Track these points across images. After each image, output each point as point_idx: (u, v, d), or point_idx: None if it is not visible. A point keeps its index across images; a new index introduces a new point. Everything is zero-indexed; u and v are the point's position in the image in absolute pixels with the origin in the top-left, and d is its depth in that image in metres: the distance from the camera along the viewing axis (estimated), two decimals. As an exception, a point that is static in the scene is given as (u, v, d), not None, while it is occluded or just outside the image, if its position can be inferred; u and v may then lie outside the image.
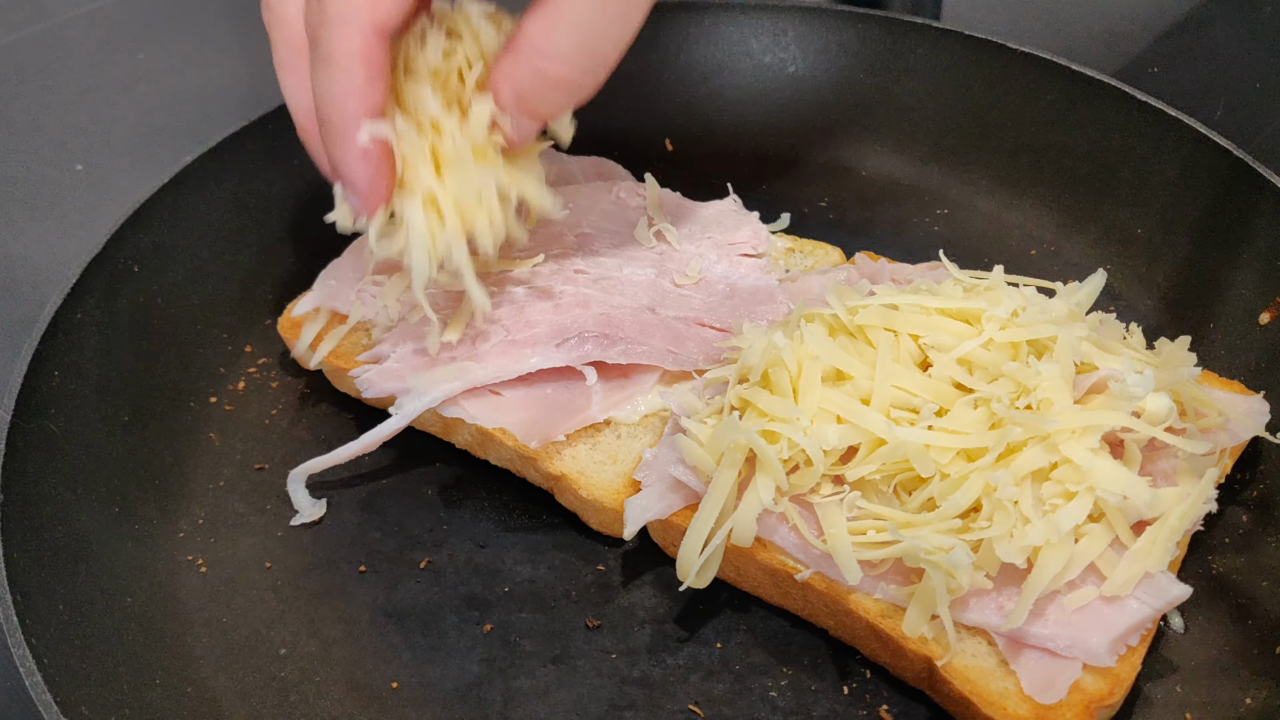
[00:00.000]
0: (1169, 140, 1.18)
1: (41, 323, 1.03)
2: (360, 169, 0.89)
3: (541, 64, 0.86)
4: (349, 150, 0.88)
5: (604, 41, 0.86)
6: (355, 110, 0.86)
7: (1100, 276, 1.01)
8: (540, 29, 0.85)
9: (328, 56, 0.84)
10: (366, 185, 0.90)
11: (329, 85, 0.86)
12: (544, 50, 0.86)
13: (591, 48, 0.86)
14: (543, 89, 0.88)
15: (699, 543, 0.89)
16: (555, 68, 0.86)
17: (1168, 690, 0.88)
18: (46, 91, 1.67)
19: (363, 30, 0.84)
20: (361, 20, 0.83)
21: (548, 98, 0.89)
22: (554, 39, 0.85)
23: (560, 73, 0.87)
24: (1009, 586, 0.85)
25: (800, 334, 0.92)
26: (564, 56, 0.86)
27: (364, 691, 0.92)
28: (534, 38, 0.86)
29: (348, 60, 0.84)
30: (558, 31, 0.85)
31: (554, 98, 0.89)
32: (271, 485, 1.07)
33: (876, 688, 0.91)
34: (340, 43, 0.84)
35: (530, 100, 0.89)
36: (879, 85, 1.36)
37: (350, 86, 0.85)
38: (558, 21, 0.85)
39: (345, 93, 0.85)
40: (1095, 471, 0.83)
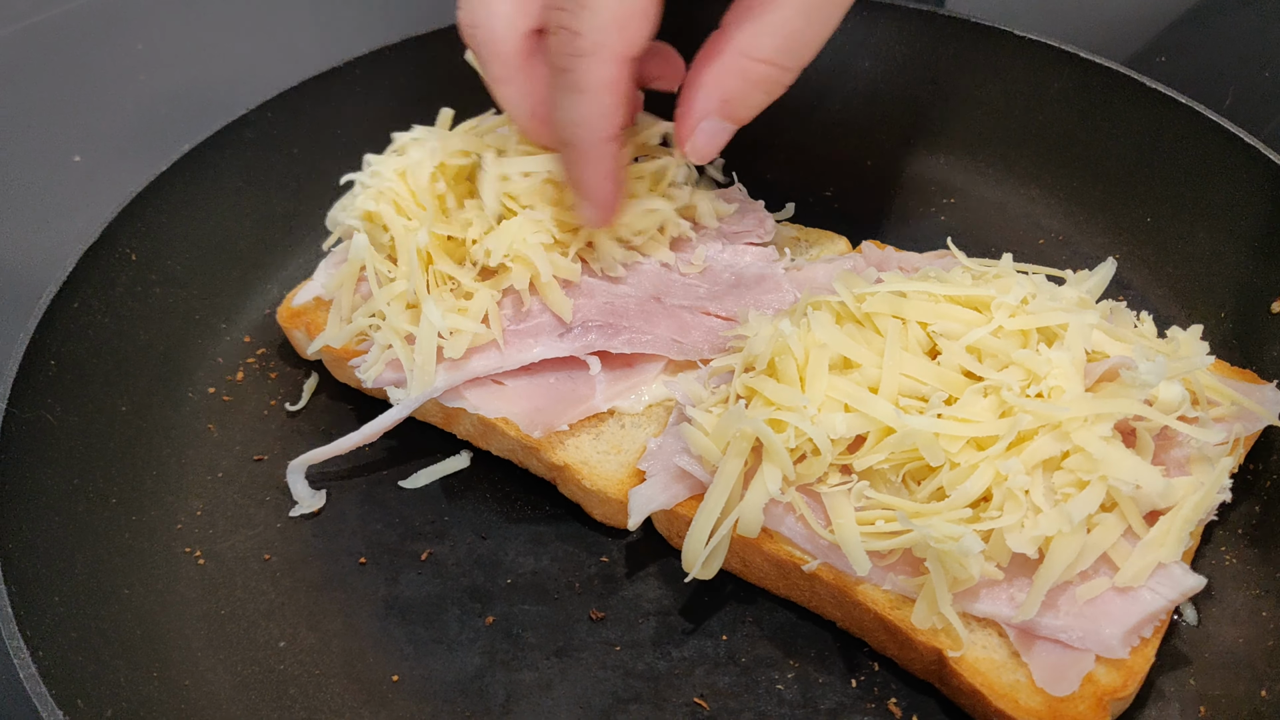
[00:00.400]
0: (1179, 128, 1.17)
1: (38, 311, 1.02)
2: (605, 186, 0.96)
3: (748, 65, 0.91)
4: (595, 171, 0.94)
5: (807, 42, 0.91)
6: (602, 134, 0.91)
7: (1110, 265, 1.00)
8: (748, 34, 0.90)
9: (578, 84, 0.88)
10: (609, 201, 0.97)
11: (578, 111, 0.90)
12: (750, 51, 0.90)
13: (795, 49, 0.91)
14: (746, 89, 0.93)
15: (704, 533, 0.88)
16: (760, 68, 0.91)
17: (1181, 683, 0.86)
18: (44, 83, 1.66)
19: (615, 59, 0.88)
20: (614, 50, 0.87)
21: (750, 98, 0.94)
22: (760, 41, 0.90)
23: (764, 73, 0.92)
24: (1020, 577, 0.84)
25: (807, 322, 0.91)
26: (769, 58, 0.91)
27: (364, 684, 0.91)
28: (740, 41, 0.91)
29: (600, 89, 0.89)
30: (764, 34, 0.90)
31: (755, 98, 0.94)
32: (270, 476, 1.06)
33: (885, 680, 0.90)
34: (593, 72, 0.88)
35: (734, 102, 0.94)
36: (884, 73, 1.35)
37: (599, 112, 0.90)
38: (765, 25, 0.90)
39: (595, 118, 0.90)
40: (1108, 460, 0.82)
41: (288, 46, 1.73)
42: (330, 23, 1.79)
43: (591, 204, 0.97)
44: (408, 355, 0.99)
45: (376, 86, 1.33)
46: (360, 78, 1.32)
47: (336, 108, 1.31)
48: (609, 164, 0.94)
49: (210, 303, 1.18)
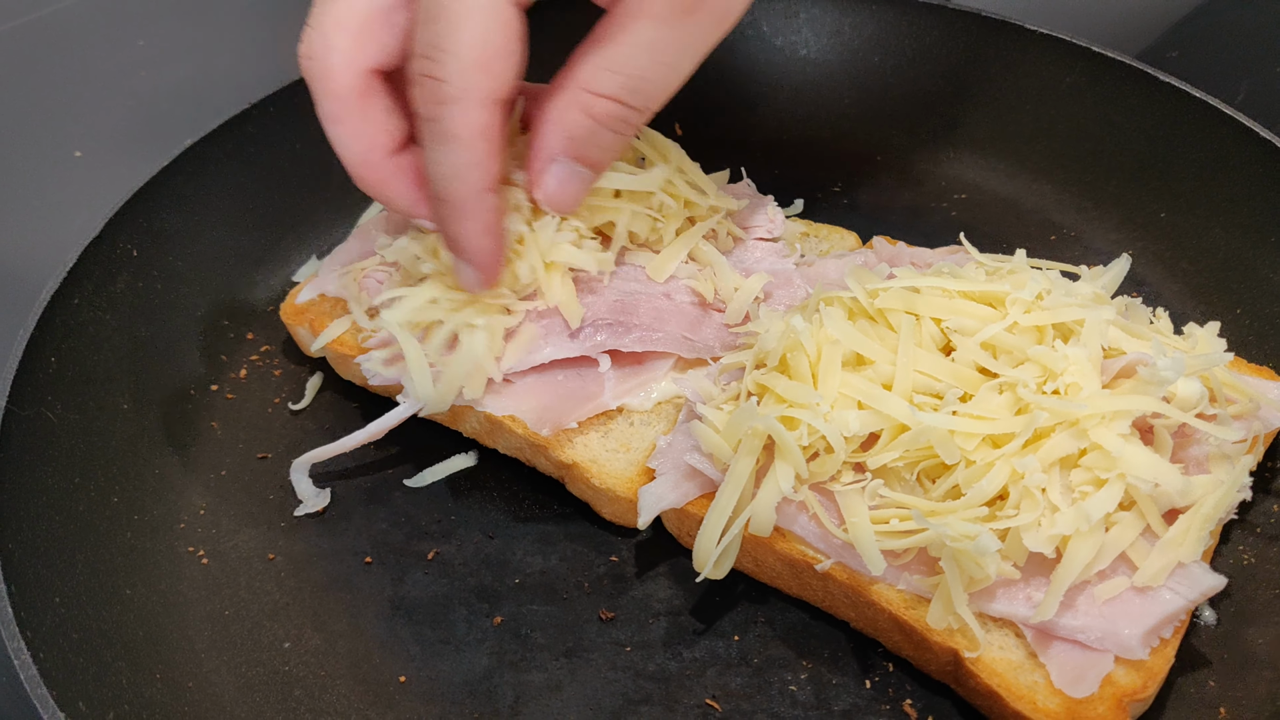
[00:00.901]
0: (1193, 122, 1.16)
1: (38, 308, 1.01)
2: (484, 243, 0.89)
3: (589, 101, 0.86)
4: (471, 226, 0.88)
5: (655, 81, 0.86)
6: (478, 186, 0.86)
7: (1125, 261, 0.99)
8: (590, 67, 0.85)
9: (448, 134, 0.83)
10: (490, 260, 0.91)
11: (450, 163, 0.85)
12: (591, 86, 0.85)
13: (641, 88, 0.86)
14: (591, 128, 0.87)
15: (716, 532, 0.87)
16: (603, 104, 0.86)
17: (1200, 684, 0.85)
18: (45, 78, 1.65)
19: (484, 104, 0.83)
20: (482, 95, 0.82)
21: (598, 138, 0.88)
22: (601, 77, 0.85)
23: (608, 109, 0.86)
24: (1037, 577, 0.83)
25: (819, 317, 0.90)
26: (612, 94, 0.86)
27: (370, 686, 0.90)
28: (582, 75, 0.85)
29: (471, 137, 0.83)
30: (606, 69, 0.85)
31: (603, 137, 0.88)
32: (274, 475, 1.04)
33: (900, 681, 0.88)
34: (462, 119, 0.82)
35: (580, 142, 0.88)
36: (894, 68, 1.34)
37: (473, 162, 0.85)
38: (607, 60, 0.85)
39: (469, 168, 0.85)
40: (1126, 458, 0.81)
41: (290, 42, 1.71)
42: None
43: (473, 264, 0.90)
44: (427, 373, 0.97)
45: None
46: (364, 72, 1.30)
47: (340, 103, 1.29)
48: (488, 218, 0.88)
49: (212, 299, 1.16)
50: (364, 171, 0.92)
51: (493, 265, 0.92)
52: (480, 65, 0.81)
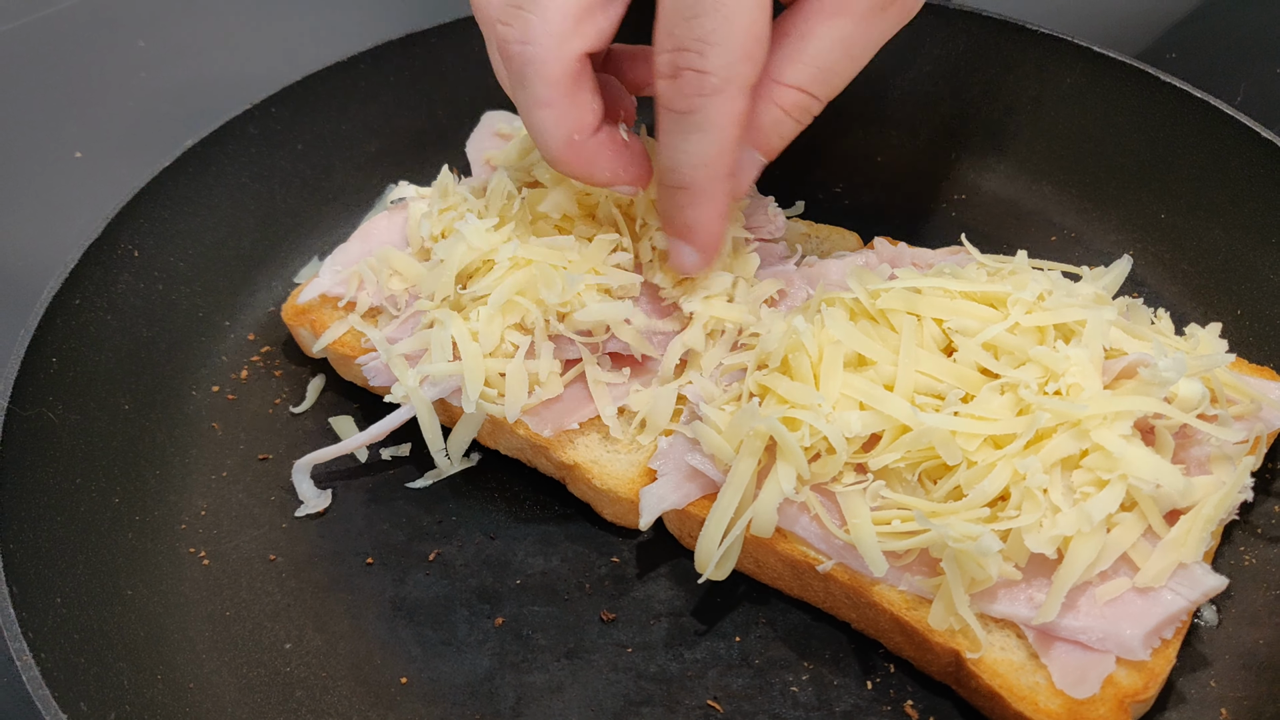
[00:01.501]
0: (1193, 123, 1.15)
1: (39, 309, 1.01)
2: (717, 228, 0.91)
3: (780, 91, 0.88)
4: (711, 211, 0.90)
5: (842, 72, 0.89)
6: (724, 171, 0.87)
7: (1126, 261, 0.99)
8: (782, 59, 0.87)
9: (705, 124, 0.84)
10: (717, 244, 0.93)
11: (701, 151, 0.86)
12: (783, 78, 0.87)
13: (830, 80, 0.89)
14: (778, 117, 0.90)
15: (718, 533, 0.87)
16: (793, 95, 0.88)
17: (1202, 685, 0.85)
18: (46, 79, 1.65)
19: (745, 92, 0.84)
20: (745, 83, 0.83)
21: (782, 126, 0.91)
22: (795, 69, 0.87)
23: (796, 100, 0.89)
24: (1039, 578, 0.83)
25: (821, 318, 0.90)
26: (802, 85, 0.88)
27: (371, 687, 0.90)
28: (773, 67, 0.87)
29: (727, 125, 0.84)
30: (800, 62, 0.87)
31: (787, 126, 0.91)
32: (275, 476, 1.04)
33: (901, 682, 0.88)
34: (722, 109, 0.83)
35: (766, 131, 0.90)
36: (894, 67, 1.33)
37: (723, 150, 0.86)
38: (801, 53, 0.87)
39: (719, 156, 0.86)
40: (1128, 459, 0.81)
41: (291, 42, 1.72)
42: (334, 18, 1.77)
43: (700, 247, 0.93)
44: None
45: (380, 82, 1.32)
46: (364, 73, 1.30)
47: (340, 104, 1.29)
48: (724, 204, 0.90)
49: (213, 300, 1.16)
50: (568, 154, 0.91)
51: (716, 247, 0.94)
52: (747, 55, 0.82)
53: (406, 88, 1.32)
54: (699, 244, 0.93)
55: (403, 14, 1.76)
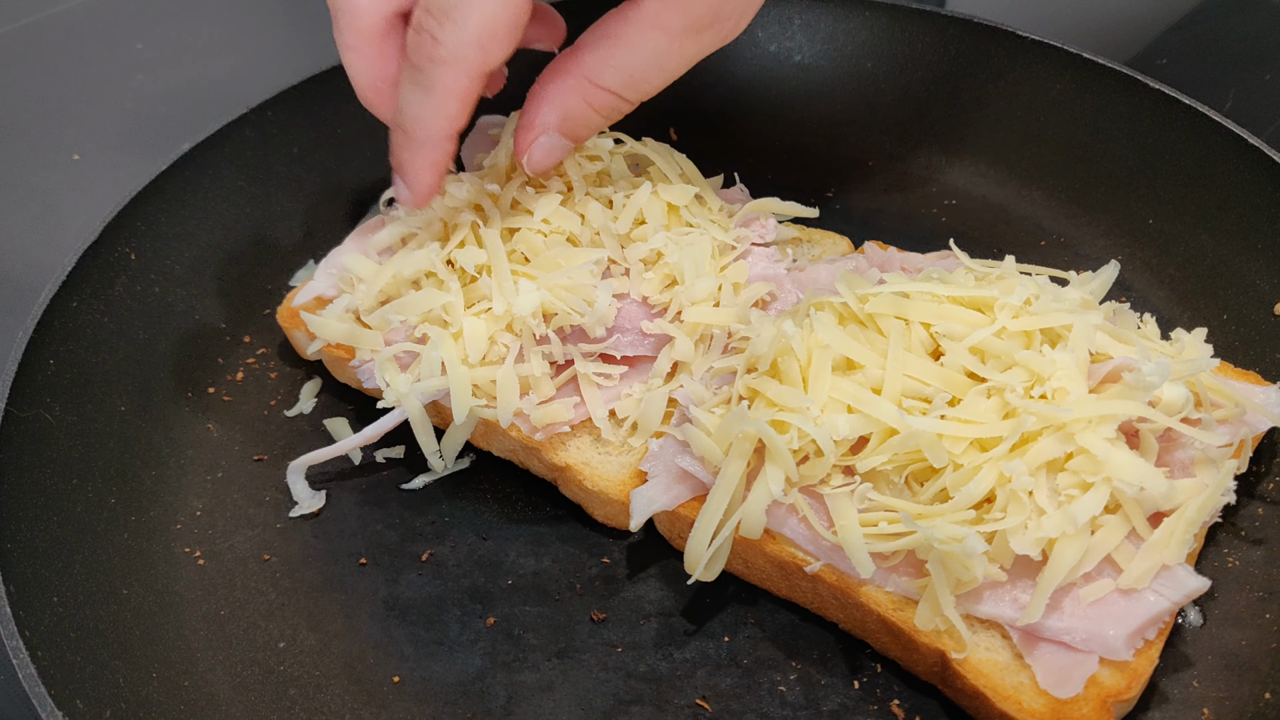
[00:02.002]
0: (1182, 130, 1.17)
1: (36, 310, 1.01)
2: (428, 178, 0.99)
3: (590, 91, 0.95)
4: (424, 162, 0.98)
5: (651, 80, 0.95)
6: (439, 133, 0.95)
7: (1113, 267, 1.00)
8: (597, 60, 0.93)
9: (429, 85, 0.92)
10: (427, 190, 1.01)
11: (421, 107, 0.93)
12: (595, 78, 0.94)
13: (639, 85, 0.95)
14: (586, 112, 0.97)
15: (707, 535, 0.88)
16: (602, 95, 0.95)
17: (1185, 685, 0.86)
18: (43, 81, 1.66)
19: (471, 75, 0.91)
20: (471, 65, 0.90)
21: (589, 120, 0.98)
22: (607, 71, 0.93)
23: (605, 100, 0.96)
24: (1023, 579, 0.84)
25: (810, 322, 0.91)
26: (612, 88, 0.95)
27: (365, 686, 0.90)
28: (589, 66, 0.94)
29: (448, 95, 0.92)
30: (613, 66, 0.93)
31: (594, 120, 0.98)
32: (270, 477, 1.05)
33: (888, 682, 0.89)
34: (445, 80, 0.91)
35: (573, 121, 0.97)
36: (886, 74, 1.35)
37: (443, 115, 0.94)
38: (615, 58, 0.93)
39: (437, 118, 0.94)
40: (1112, 462, 0.82)
41: (286, 46, 1.73)
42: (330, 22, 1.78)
43: (411, 189, 1.00)
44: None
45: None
46: (360, 77, 1.31)
47: (336, 107, 1.30)
48: (439, 157, 0.97)
49: (210, 302, 1.17)
50: (371, 95, 1.01)
51: (428, 195, 1.01)
52: (479, 43, 0.88)
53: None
54: (408, 183, 1.00)
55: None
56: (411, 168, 0.99)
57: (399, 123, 0.96)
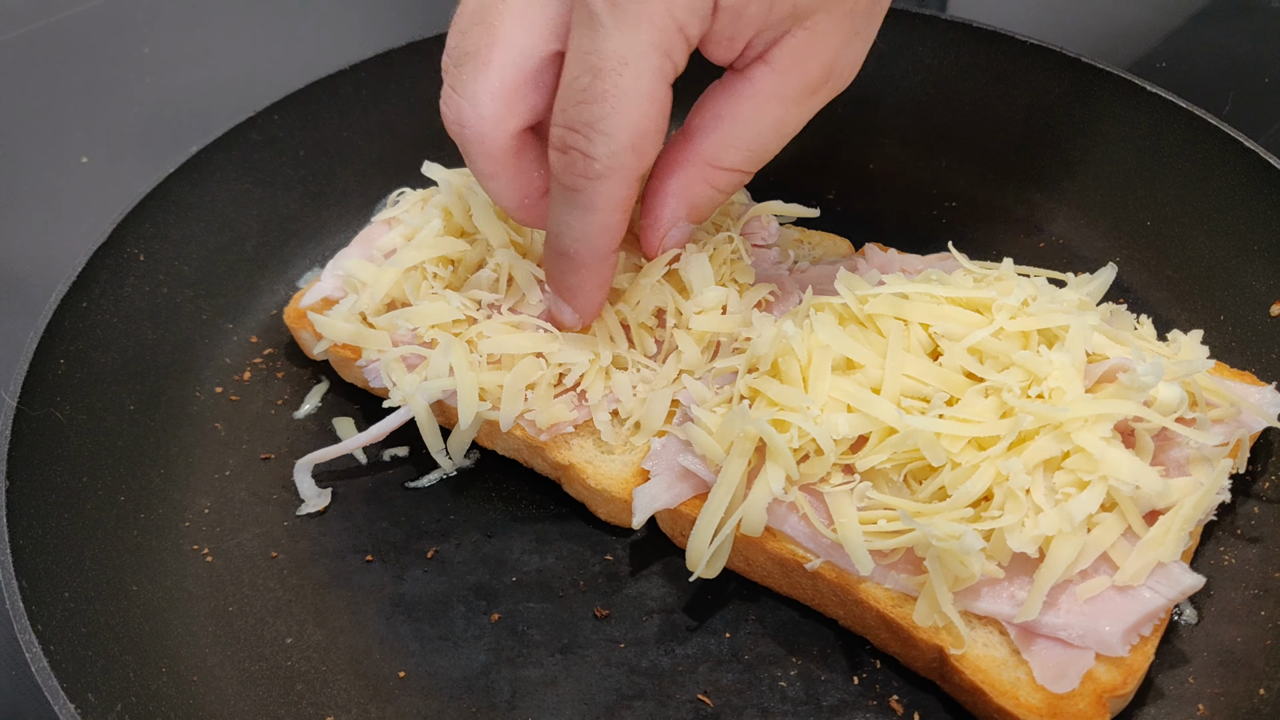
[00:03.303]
0: (1180, 133, 1.18)
1: (47, 310, 1.03)
2: (596, 297, 0.96)
3: (714, 175, 0.92)
4: (589, 282, 0.93)
5: (772, 150, 0.92)
6: (605, 250, 0.90)
7: (1111, 270, 1.01)
8: (716, 144, 0.91)
9: (589, 204, 0.87)
10: (596, 309, 0.98)
11: (584, 228, 0.88)
12: (718, 161, 0.91)
13: (760, 157, 0.93)
14: (712, 195, 0.94)
15: (709, 532, 0.89)
16: (726, 177, 0.93)
17: (1180, 681, 0.87)
18: (52, 85, 1.67)
19: (629, 182, 0.86)
20: (629, 173, 0.85)
21: (714, 201, 0.96)
22: (728, 153, 0.91)
23: (729, 180, 0.93)
24: (1021, 576, 0.85)
25: (810, 323, 0.92)
26: (736, 167, 0.92)
27: (370, 680, 0.92)
28: (708, 151, 0.91)
29: (610, 209, 0.87)
30: (733, 147, 0.90)
31: (718, 200, 0.96)
32: (277, 475, 1.07)
33: (887, 678, 0.90)
34: (605, 194, 0.86)
35: (700, 208, 0.95)
36: (886, 77, 1.36)
37: (606, 229, 0.89)
38: (735, 138, 0.90)
39: (600, 235, 0.89)
40: (1108, 461, 0.83)
41: (293, 50, 1.74)
42: (336, 26, 1.80)
43: (577, 309, 0.97)
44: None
45: (382, 90, 1.34)
46: (366, 81, 1.32)
47: (342, 110, 1.31)
48: (606, 275, 0.93)
49: (217, 303, 1.19)
50: (522, 214, 0.96)
51: (594, 313, 0.98)
52: (633, 148, 0.84)
53: (407, 95, 1.34)
54: (577, 307, 0.96)
55: (404, 22, 1.78)
56: (580, 291, 0.94)
57: (558, 248, 0.91)
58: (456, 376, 0.98)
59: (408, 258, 1.05)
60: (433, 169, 1.13)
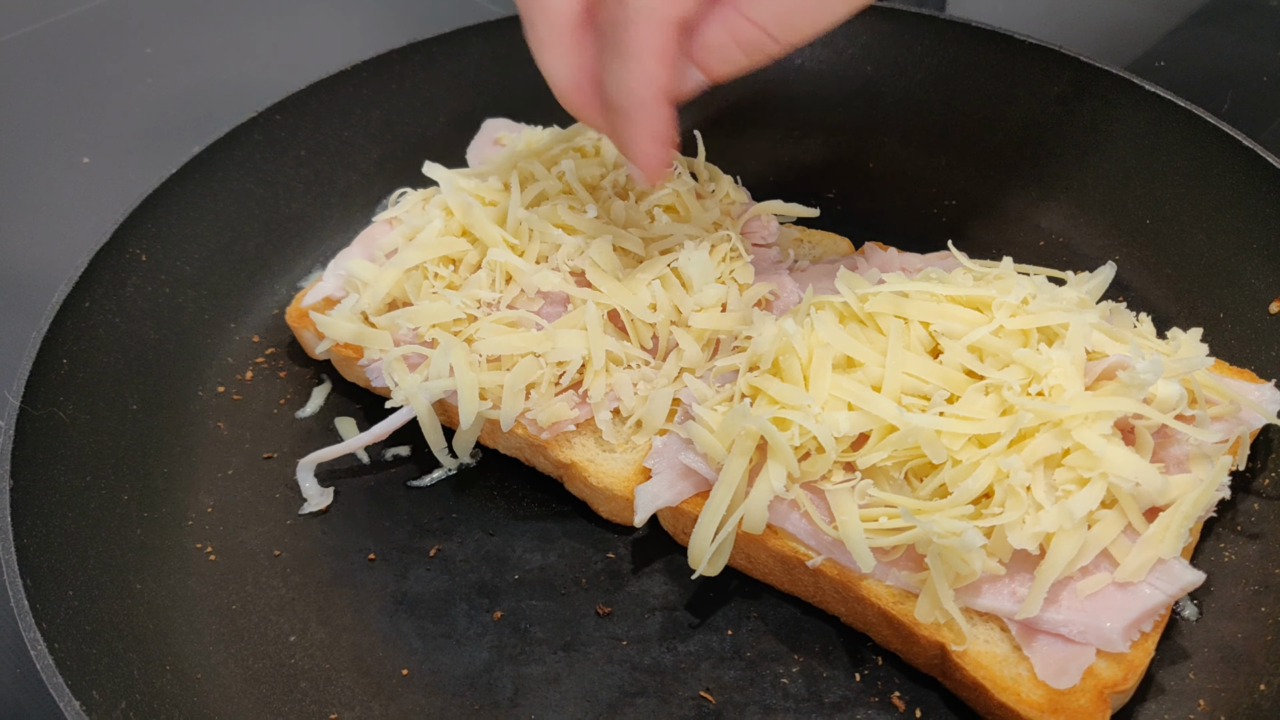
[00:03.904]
0: (1179, 131, 1.18)
1: (50, 310, 1.03)
2: (652, 149, 0.93)
3: (738, 22, 0.88)
4: (642, 134, 0.92)
5: (806, 18, 0.88)
6: (651, 99, 0.90)
7: (1110, 268, 1.01)
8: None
9: (628, 51, 0.87)
10: (657, 162, 0.95)
11: (628, 78, 0.89)
12: (746, 9, 0.87)
13: (792, 22, 0.88)
14: (728, 45, 0.90)
15: (710, 530, 0.89)
16: (750, 30, 0.88)
17: (1180, 677, 0.88)
18: (54, 86, 1.68)
19: (664, 28, 0.86)
20: (663, 18, 0.86)
21: (729, 55, 0.90)
22: (757, 6, 0.87)
23: (751, 35, 0.88)
24: (1021, 573, 0.85)
25: (811, 321, 0.92)
26: (762, 21, 0.88)
27: (374, 678, 0.92)
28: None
29: (649, 56, 0.87)
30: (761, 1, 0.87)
31: (735, 56, 0.90)
32: (280, 474, 1.07)
33: (888, 674, 0.91)
34: (643, 39, 0.86)
35: (711, 52, 0.91)
36: (886, 77, 1.36)
37: (648, 78, 0.88)
38: None
39: (644, 84, 0.89)
40: (1108, 458, 0.83)
41: (295, 50, 1.74)
42: (337, 27, 1.80)
43: (641, 165, 0.95)
44: None
45: (383, 90, 1.35)
46: (367, 81, 1.33)
47: (344, 111, 1.32)
48: (656, 125, 0.92)
49: (219, 303, 1.19)
50: (571, 94, 0.95)
51: (658, 168, 0.95)
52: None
53: (408, 96, 1.34)
54: (636, 162, 0.96)
55: (405, 23, 1.79)
56: (634, 144, 0.93)
57: (611, 105, 0.92)
58: (457, 376, 0.98)
59: (409, 257, 1.05)
60: (433, 169, 1.13)
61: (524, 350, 0.99)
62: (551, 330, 1.00)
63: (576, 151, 1.15)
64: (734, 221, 1.11)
